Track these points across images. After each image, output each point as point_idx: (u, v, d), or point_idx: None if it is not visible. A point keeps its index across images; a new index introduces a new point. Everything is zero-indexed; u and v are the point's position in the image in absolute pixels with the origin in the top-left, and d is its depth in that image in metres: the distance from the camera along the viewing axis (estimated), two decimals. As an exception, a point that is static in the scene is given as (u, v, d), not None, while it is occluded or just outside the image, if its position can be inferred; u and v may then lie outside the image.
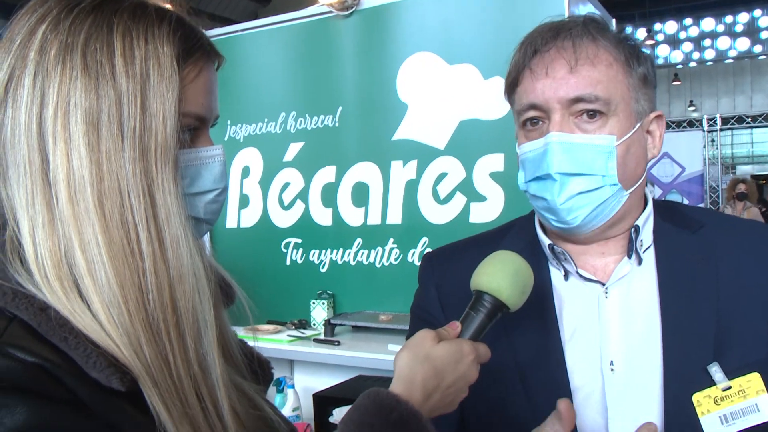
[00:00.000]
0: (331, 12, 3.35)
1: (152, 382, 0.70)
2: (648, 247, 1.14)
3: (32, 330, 0.68)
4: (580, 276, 1.13)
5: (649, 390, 1.07)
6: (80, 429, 0.66)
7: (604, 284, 1.12)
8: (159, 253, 0.73)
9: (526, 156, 1.11)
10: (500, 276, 0.96)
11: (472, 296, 0.98)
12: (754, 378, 1.05)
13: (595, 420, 1.08)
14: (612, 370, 1.08)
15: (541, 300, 1.13)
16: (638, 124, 1.09)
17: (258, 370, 0.95)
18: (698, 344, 1.07)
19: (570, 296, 1.14)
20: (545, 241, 1.15)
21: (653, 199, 1.19)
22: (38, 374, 0.65)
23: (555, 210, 1.08)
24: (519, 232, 1.21)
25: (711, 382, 1.05)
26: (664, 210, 1.19)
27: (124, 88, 0.73)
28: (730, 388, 1.04)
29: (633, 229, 1.12)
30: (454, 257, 1.27)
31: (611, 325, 1.10)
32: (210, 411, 0.75)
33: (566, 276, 1.15)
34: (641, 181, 1.12)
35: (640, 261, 1.13)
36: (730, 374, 1.05)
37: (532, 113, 1.10)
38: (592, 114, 1.05)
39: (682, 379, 1.05)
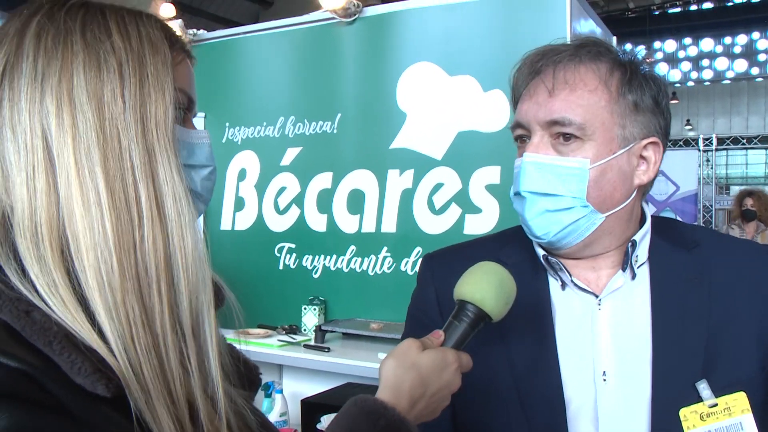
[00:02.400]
0: (333, 18, 3.36)
1: (130, 338, 0.70)
2: (642, 263, 1.16)
3: (15, 333, 0.67)
4: (576, 286, 1.15)
5: (638, 402, 1.09)
6: None
7: (597, 296, 1.14)
8: (155, 208, 0.75)
9: (514, 172, 1.17)
10: (484, 287, 0.98)
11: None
12: (740, 397, 1.08)
13: (588, 430, 1.10)
14: (605, 380, 1.10)
15: (539, 310, 1.15)
16: (621, 150, 1.11)
17: (245, 374, 0.95)
18: (687, 361, 1.09)
19: (566, 306, 1.16)
20: (540, 252, 1.18)
21: (651, 216, 1.21)
22: (21, 379, 0.64)
23: (528, 225, 1.14)
24: (519, 243, 1.23)
25: (698, 399, 1.07)
26: (661, 227, 1.20)
27: (124, 59, 0.77)
28: (716, 405, 1.07)
29: (630, 244, 1.14)
30: (456, 260, 1.26)
31: (603, 337, 1.12)
32: (194, 367, 0.75)
33: (563, 286, 1.17)
34: (624, 205, 1.13)
35: (633, 276, 1.15)
36: (717, 392, 1.07)
37: (518, 131, 1.16)
38: (568, 137, 1.09)
39: (670, 394, 1.08)
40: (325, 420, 2.30)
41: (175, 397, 0.73)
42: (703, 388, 1.07)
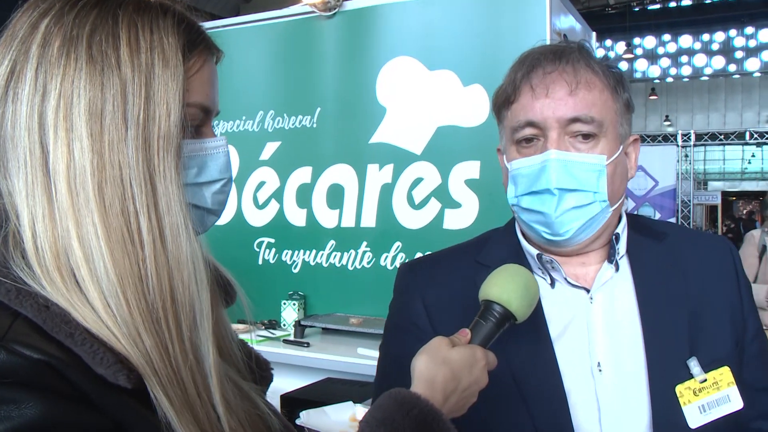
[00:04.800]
0: (313, 12, 3.34)
1: (152, 372, 0.70)
2: (622, 256, 1.21)
3: (37, 327, 0.67)
4: (568, 283, 1.18)
5: (635, 386, 1.13)
6: (89, 425, 0.66)
7: (588, 291, 1.18)
8: (159, 241, 0.73)
9: (519, 172, 1.15)
10: (511, 288, 1.01)
11: (474, 305, 1.02)
12: (725, 371, 1.15)
13: (589, 419, 1.13)
14: (600, 371, 1.13)
15: None
16: (621, 147, 1.16)
17: (256, 370, 0.96)
18: (676, 341, 1.15)
19: (557, 303, 1.18)
20: (532, 251, 1.19)
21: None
22: (44, 371, 0.65)
23: (550, 223, 1.13)
24: (499, 243, 1.24)
25: (689, 376, 1.13)
26: (633, 222, 1.25)
27: (129, 77, 0.73)
28: (706, 380, 1.14)
29: (614, 237, 1.18)
30: (437, 267, 1.29)
31: (597, 329, 1.16)
32: (204, 399, 0.75)
33: (552, 284, 1.19)
34: (623, 198, 1.19)
35: (617, 268, 1.19)
36: (704, 368, 1.14)
37: (529, 131, 1.14)
38: (586, 135, 1.11)
39: (664, 373, 1.13)
40: (304, 415, 2.29)
41: (195, 407, 0.73)
42: (694, 365, 1.13)
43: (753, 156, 22.84)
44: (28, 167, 0.72)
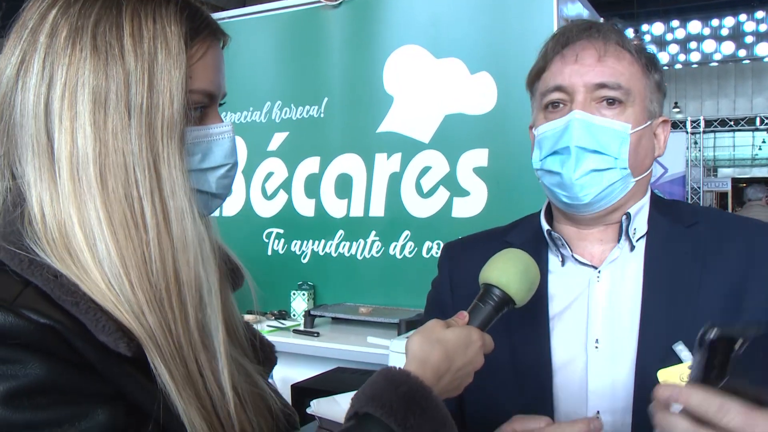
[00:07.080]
0: (319, 2, 3.34)
1: (155, 346, 0.73)
2: (642, 237, 1.21)
3: (45, 295, 0.71)
4: (576, 260, 1.20)
5: (625, 366, 1.14)
6: (89, 389, 0.70)
7: (596, 268, 1.19)
8: (163, 224, 0.76)
9: (544, 135, 1.18)
10: (510, 271, 1.02)
11: (479, 287, 1.03)
12: None
13: (576, 393, 1.15)
14: (596, 347, 1.15)
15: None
16: (649, 122, 1.18)
17: (260, 353, 0.99)
18: (671, 327, 1.13)
19: (564, 280, 1.21)
20: (545, 226, 1.22)
21: (652, 194, 1.26)
22: (49, 335, 0.69)
23: (568, 185, 1.15)
24: (527, 225, 1.30)
25: (678, 361, 1.11)
26: (663, 204, 1.26)
27: (132, 66, 0.75)
28: None
29: (625, 216, 1.19)
30: (468, 248, 1.35)
31: (598, 306, 1.18)
32: (208, 377, 0.78)
33: (563, 262, 1.22)
34: (648, 173, 1.21)
35: (632, 247, 1.20)
36: None
37: (556, 95, 1.18)
38: (612, 101, 1.14)
39: (652, 356, 1.12)
40: (315, 404, 2.30)
41: (197, 384, 0.76)
42: (681, 349, 1.11)
43: (763, 142, 22.66)
44: (35, 154, 0.75)
